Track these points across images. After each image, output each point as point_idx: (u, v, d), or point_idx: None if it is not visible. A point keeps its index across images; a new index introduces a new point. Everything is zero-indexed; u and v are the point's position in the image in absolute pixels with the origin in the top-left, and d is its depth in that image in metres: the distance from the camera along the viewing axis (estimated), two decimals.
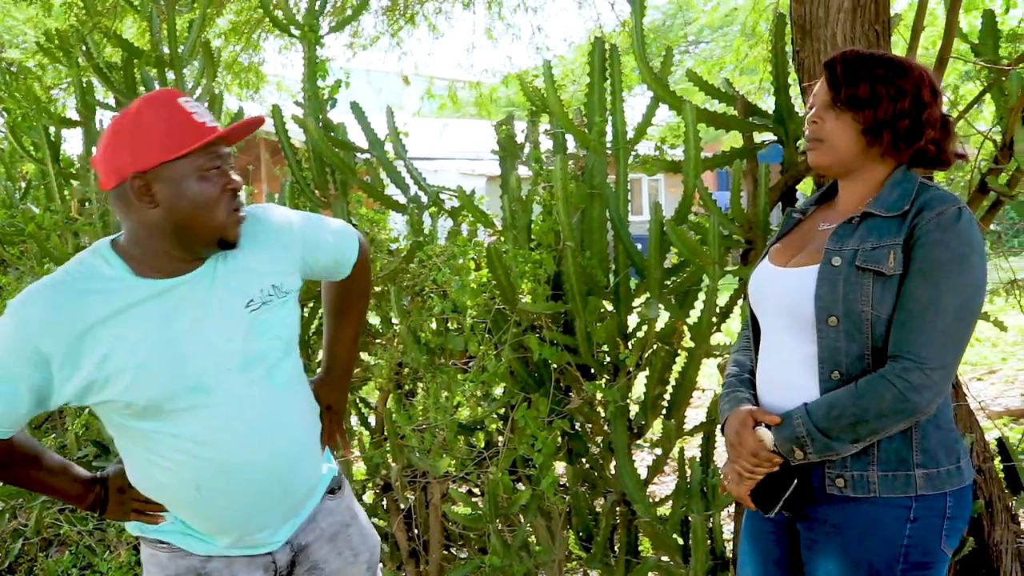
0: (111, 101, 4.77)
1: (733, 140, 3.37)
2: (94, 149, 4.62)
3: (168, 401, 1.64)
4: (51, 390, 1.61)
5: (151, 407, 1.63)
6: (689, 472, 3.02)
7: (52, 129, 4.67)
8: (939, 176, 3.47)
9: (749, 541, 2.07)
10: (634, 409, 3.21)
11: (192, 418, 1.67)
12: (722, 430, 2.02)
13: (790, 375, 1.90)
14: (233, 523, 1.80)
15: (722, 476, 2.02)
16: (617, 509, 3.20)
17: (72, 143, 5.11)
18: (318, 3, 3.58)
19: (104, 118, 4.70)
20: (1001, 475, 3.21)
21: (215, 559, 1.81)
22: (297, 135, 3.70)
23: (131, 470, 1.81)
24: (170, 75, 4.63)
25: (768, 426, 1.87)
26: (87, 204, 4.60)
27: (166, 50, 4.58)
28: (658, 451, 3.22)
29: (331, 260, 1.97)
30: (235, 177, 1.67)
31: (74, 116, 4.80)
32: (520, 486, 3.23)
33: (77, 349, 1.57)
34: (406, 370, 3.49)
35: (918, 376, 1.71)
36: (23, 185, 5.01)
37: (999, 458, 3.23)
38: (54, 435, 4.07)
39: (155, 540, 1.83)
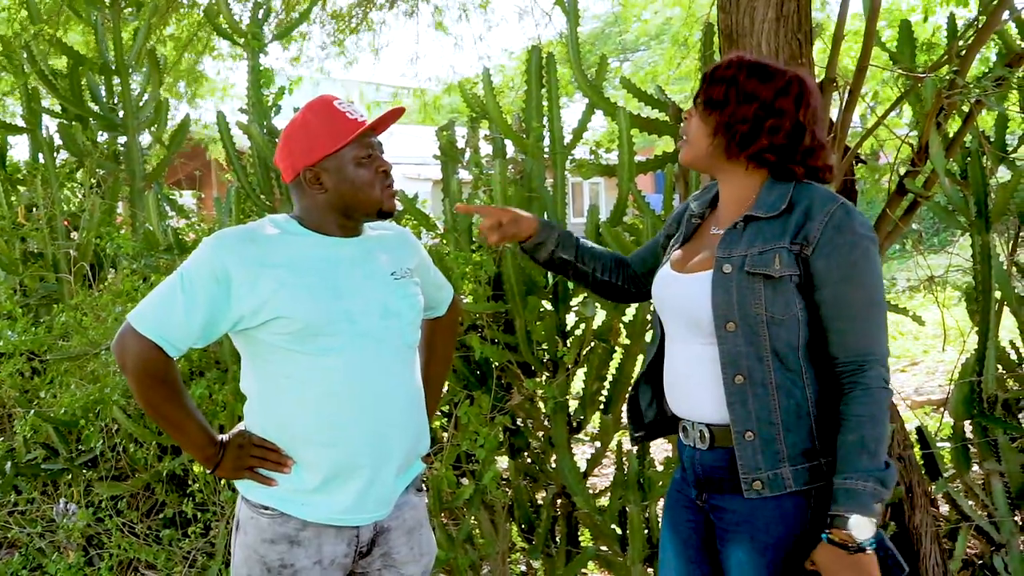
0: (57, 107, 4.78)
1: (666, 145, 3.49)
2: (40, 155, 4.63)
3: (325, 324, 1.90)
4: (225, 309, 1.88)
5: (310, 327, 1.89)
6: (627, 465, 3.12)
7: None
8: (860, 174, 3.62)
9: (669, 529, 2.14)
10: (573, 404, 3.31)
11: (340, 346, 1.92)
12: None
13: (696, 378, 1.95)
14: (349, 459, 1.96)
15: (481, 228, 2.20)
16: (558, 501, 3.30)
17: (19, 149, 5.10)
18: (261, 12, 3.64)
19: (50, 124, 4.71)
20: (921, 462, 3.36)
21: (309, 528, 1.96)
22: (243, 141, 3.75)
23: (269, 408, 2.00)
24: (116, 82, 4.65)
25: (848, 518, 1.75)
26: (34, 210, 4.60)
27: (112, 57, 4.61)
28: (597, 445, 3.34)
29: (435, 285, 2.28)
30: (386, 160, 2.02)
31: (20, 123, 4.80)
32: (464, 481, 3.31)
33: (257, 274, 1.87)
34: None
35: (884, 372, 1.80)
36: None
37: (919, 446, 3.38)
38: (2, 438, 4.08)
39: (259, 505, 1.98)
